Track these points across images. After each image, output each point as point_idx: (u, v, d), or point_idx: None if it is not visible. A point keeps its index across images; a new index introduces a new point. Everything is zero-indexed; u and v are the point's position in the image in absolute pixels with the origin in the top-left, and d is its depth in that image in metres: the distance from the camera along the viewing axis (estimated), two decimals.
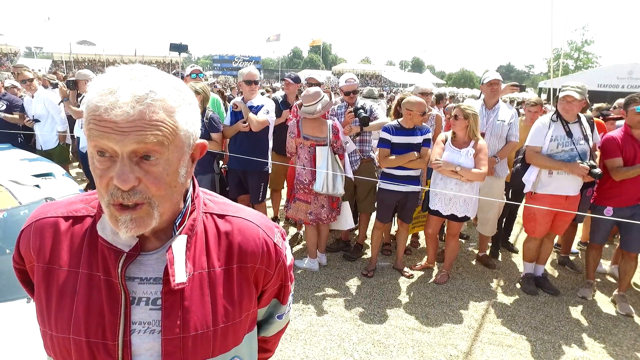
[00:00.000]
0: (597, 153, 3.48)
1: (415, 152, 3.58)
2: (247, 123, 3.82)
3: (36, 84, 5.01)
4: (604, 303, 3.59)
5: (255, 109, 3.87)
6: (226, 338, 0.82)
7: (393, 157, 3.60)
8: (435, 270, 4.03)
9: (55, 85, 5.05)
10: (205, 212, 0.85)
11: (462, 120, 3.44)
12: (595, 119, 3.95)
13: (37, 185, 2.82)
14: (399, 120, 3.67)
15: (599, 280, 3.98)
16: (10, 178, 2.73)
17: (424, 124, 3.70)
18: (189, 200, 0.82)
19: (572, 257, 4.41)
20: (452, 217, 3.63)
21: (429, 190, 3.73)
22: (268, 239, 0.87)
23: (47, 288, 0.78)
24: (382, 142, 3.64)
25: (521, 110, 7.82)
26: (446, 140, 3.61)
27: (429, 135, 3.68)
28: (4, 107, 4.77)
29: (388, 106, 7.35)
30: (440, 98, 5.62)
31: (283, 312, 1.02)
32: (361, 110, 3.76)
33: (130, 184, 0.67)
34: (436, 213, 3.67)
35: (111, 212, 0.70)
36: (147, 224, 0.72)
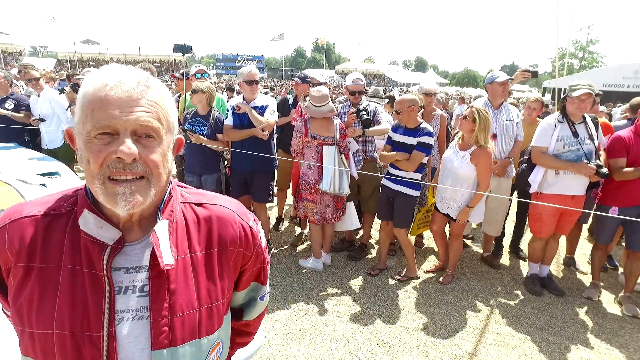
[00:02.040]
0: (602, 153, 3.46)
1: (401, 153, 3.56)
2: (267, 131, 3.75)
3: (42, 83, 5.03)
4: (610, 304, 3.57)
5: (260, 110, 3.81)
6: (211, 318, 0.85)
7: (384, 153, 3.66)
8: (440, 271, 4.02)
9: (61, 91, 5.01)
10: (184, 202, 0.89)
11: (470, 122, 3.38)
12: (603, 120, 3.93)
13: (44, 184, 2.83)
14: None
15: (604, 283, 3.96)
16: (17, 177, 2.75)
17: (424, 126, 3.56)
18: (169, 189, 0.86)
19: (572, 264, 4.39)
20: (449, 217, 3.64)
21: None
22: (244, 223, 0.92)
23: (27, 286, 0.77)
24: (387, 138, 3.74)
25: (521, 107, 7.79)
26: (454, 138, 3.64)
27: (425, 139, 3.47)
28: (12, 106, 4.79)
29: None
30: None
31: (264, 293, 1.07)
32: (363, 112, 3.76)
33: (134, 155, 0.72)
34: (437, 209, 3.70)
35: (108, 189, 0.73)
36: (144, 200, 0.76)
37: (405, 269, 3.89)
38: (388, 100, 5.24)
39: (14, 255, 0.78)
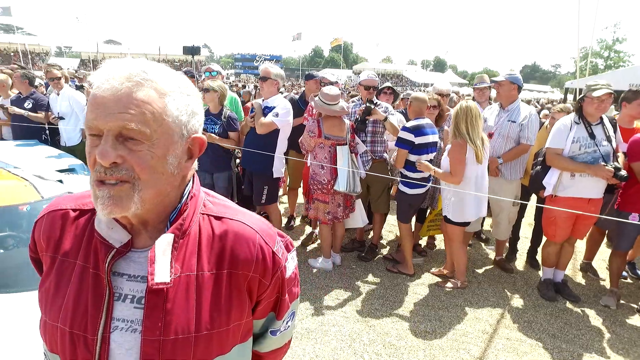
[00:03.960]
0: (620, 155, 3.34)
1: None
2: (252, 119, 3.74)
3: (63, 82, 5.17)
4: (629, 313, 3.45)
5: (268, 110, 3.77)
6: (209, 346, 0.77)
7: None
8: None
9: (80, 87, 5.12)
10: (203, 213, 0.82)
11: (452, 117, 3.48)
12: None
13: (60, 181, 2.91)
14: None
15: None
16: (34, 173, 2.84)
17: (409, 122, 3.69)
18: (186, 197, 0.79)
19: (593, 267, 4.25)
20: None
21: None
22: (265, 247, 0.82)
23: (50, 276, 0.81)
24: None
25: (544, 111, 7.59)
26: None
27: (400, 133, 3.64)
28: (30, 105, 4.93)
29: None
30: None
31: (277, 329, 0.95)
32: (366, 104, 3.84)
33: (110, 160, 0.66)
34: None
35: (93, 190, 0.70)
36: (125, 206, 0.70)
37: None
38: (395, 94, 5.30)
39: (45, 244, 0.82)
